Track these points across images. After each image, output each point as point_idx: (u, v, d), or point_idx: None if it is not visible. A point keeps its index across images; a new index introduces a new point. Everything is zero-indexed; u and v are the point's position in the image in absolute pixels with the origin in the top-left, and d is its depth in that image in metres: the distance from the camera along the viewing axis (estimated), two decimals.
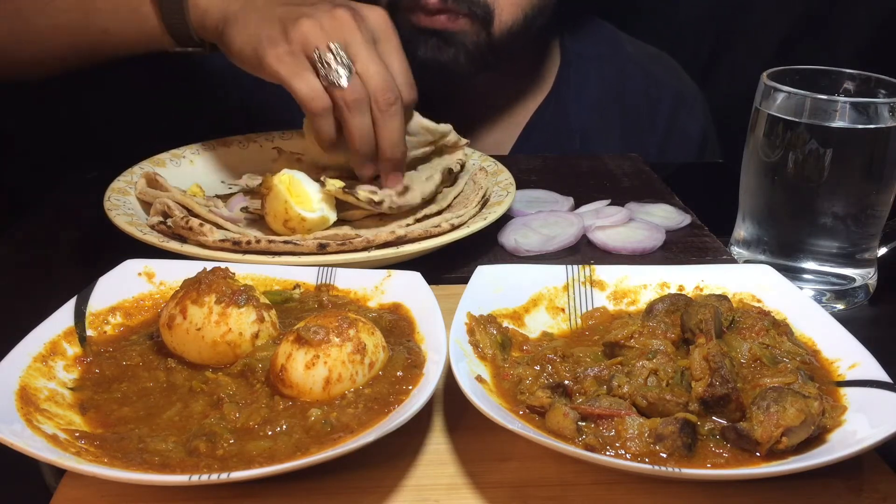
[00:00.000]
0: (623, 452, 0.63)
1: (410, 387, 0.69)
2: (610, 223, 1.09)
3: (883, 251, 0.97)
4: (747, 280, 0.85)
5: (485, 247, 1.05)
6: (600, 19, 1.59)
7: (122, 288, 0.82)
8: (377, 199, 0.99)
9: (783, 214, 0.96)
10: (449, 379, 0.72)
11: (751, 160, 0.97)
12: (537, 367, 0.73)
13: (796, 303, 0.81)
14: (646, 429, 0.64)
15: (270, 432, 0.64)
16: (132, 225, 0.95)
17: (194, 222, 0.93)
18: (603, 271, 0.86)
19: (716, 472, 0.61)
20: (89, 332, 0.76)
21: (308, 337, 0.68)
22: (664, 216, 1.14)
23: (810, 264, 0.95)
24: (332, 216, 1.00)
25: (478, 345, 0.75)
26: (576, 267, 0.86)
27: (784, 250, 0.96)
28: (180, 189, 1.04)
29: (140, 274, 0.84)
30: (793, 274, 0.93)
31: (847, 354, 0.73)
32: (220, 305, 0.72)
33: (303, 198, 0.98)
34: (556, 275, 0.85)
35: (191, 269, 0.78)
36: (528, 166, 1.33)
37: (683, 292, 0.84)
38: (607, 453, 0.63)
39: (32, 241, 1.11)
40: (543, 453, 0.65)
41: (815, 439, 0.63)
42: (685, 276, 0.86)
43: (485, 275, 0.83)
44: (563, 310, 0.83)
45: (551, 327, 0.82)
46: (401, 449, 0.67)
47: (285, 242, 0.91)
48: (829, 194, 0.91)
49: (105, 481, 0.61)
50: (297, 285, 0.85)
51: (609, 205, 1.16)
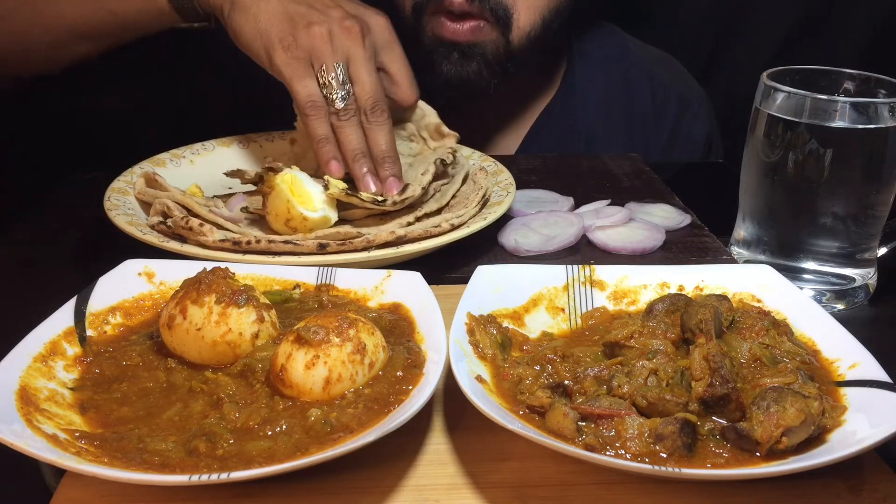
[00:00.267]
0: (623, 452, 0.63)
1: (410, 387, 0.69)
2: (610, 223, 1.09)
3: (883, 251, 0.97)
4: (747, 280, 0.85)
5: (485, 247, 1.05)
6: (605, 21, 1.59)
7: (122, 288, 0.82)
8: (381, 198, 1.01)
9: (783, 214, 0.96)
10: (449, 379, 0.72)
11: (751, 160, 0.97)
12: (537, 367, 0.73)
13: (796, 303, 0.81)
14: (646, 429, 0.64)
15: (270, 432, 0.64)
16: (132, 225, 0.95)
17: (194, 222, 0.93)
18: (603, 271, 0.86)
19: (716, 472, 0.61)
20: (89, 332, 0.76)
21: (308, 337, 0.68)
22: (664, 216, 1.14)
23: (810, 264, 0.95)
24: (334, 216, 1.00)
25: (478, 345, 0.74)
26: (576, 267, 0.86)
27: (784, 250, 0.96)
28: (179, 189, 1.04)
29: (140, 274, 0.84)
30: (793, 274, 0.93)
31: (847, 354, 0.73)
32: (220, 305, 0.72)
33: (304, 197, 0.98)
34: (556, 275, 0.85)
35: (191, 269, 0.78)
36: (528, 166, 1.33)
37: (683, 292, 0.84)
38: (607, 453, 0.63)
39: (32, 241, 1.11)
40: (543, 453, 0.65)
41: (815, 439, 0.63)
42: (685, 276, 0.86)
43: (485, 275, 0.83)
44: (563, 310, 0.83)
45: (551, 327, 0.82)
46: (401, 449, 0.67)
47: (285, 242, 0.91)
48: (829, 194, 0.91)
49: (105, 481, 0.61)
50: (297, 285, 0.85)
51: (609, 205, 1.16)
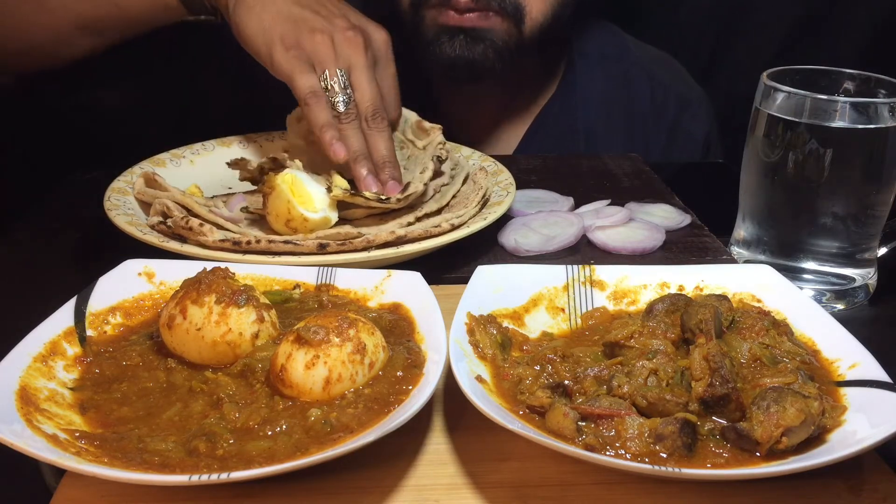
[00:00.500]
0: (623, 452, 0.63)
1: (410, 387, 0.69)
2: (610, 223, 1.09)
3: (883, 251, 0.97)
4: (747, 280, 0.85)
5: (485, 247, 1.05)
6: (605, 21, 1.59)
7: (122, 288, 0.82)
8: (384, 196, 1.01)
9: (783, 214, 0.96)
10: (449, 379, 0.72)
11: (751, 160, 0.97)
12: (537, 367, 0.73)
13: (796, 303, 0.81)
14: (646, 429, 0.64)
15: (270, 432, 0.64)
16: (132, 225, 0.95)
17: (194, 222, 0.93)
18: (603, 271, 0.86)
19: (716, 472, 0.61)
20: (89, 332, 0.76)
21: (308, 337, 0.68)
22: (664, 216, 1.14)
23: (810, 264, 0.95)
24: (334, 216, 1.00)
25: (478, 345, 0.74)
26: (576, 267, 0.86)
27: (784, 250, 0.96)
28: (179, 189, 1.04)
29: (140, 274, 0.84)
30: (793, 274, 0.93)
31: (847, 354, 0.73)
32: (220, 305, 0.72)
33: (305, 198, 0.97)
34: (556, 275, 0.85)
35: (191, 269, 0.78)
36: (528, 166, 1.33)
37: (683, 292, 0.84)
38: (607, 453, 0.63)
39: (32, 241, 1.11)
40: (543, 453, 0.65)
41: (815, 439, 0.63)
42: (685, 276, 0.86)
43: (485, 275, 0.83)
44: (563, 310, 0.83)
45: (551, 327, 0.82)
46: (401, 449, 0.67)
47: (285, 242, 0.91)
48: (829, 194, 0.91)
49: (105, 481, 0.61)
50: (297, 285, 0.85)
51: (609, 205, 1.16)
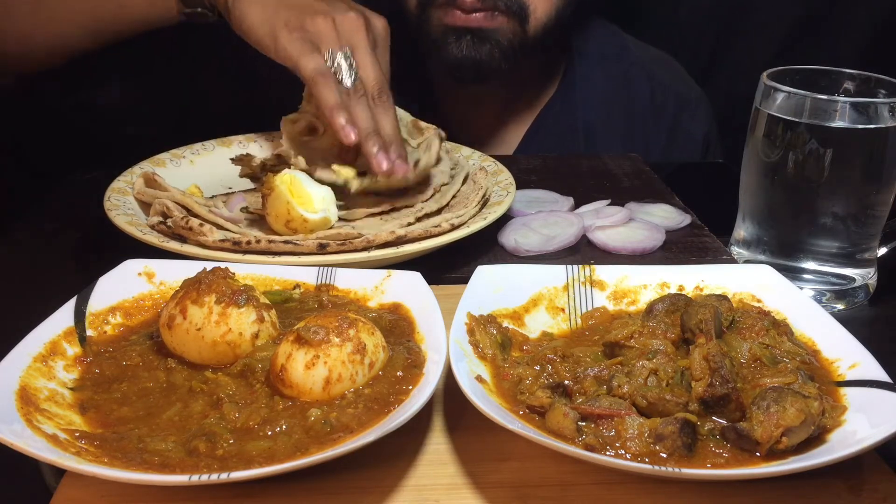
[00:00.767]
0: (623, 452, 0.63)
1: (410, 387, 0.69)
2: (610, 223, 1.09)
3: (883, 251, 0.97)
4: (747, 280, 0.85)
5: (485, 247, 1.05)
6: (605, 21, 1.59)
7: (122, 288, 0.82)
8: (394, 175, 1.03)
9: (783, 214, 0.96)
10: (449, 379, 0.72)
11: (751, 160, 0.97)
12: (537, 367, 0.73)
13: (796, 303, 0.81)
14: (646, 429, 0.64)
15: (270, 432, 0.64)
16: (132, 225, 0.95)
17: (194, 222, 0.93)
18: (603, 271, 0.86)
19: (716, 472, 0.61)
20: (89, 332, 0.76)
21: (308, 337, 0.68)
22: (664, 216, 1.14)
23: (810, 264, 0.95)
24: (334, 217, 1.00)
25: (478, 345, 0.74)
26: (576, 267, 0.86)
27: (784, 250, 0.96)
28: (179, 189, 1.04)
29: (140, 274, 0.84)
30: (793, 274, 0.93)
31: (847, 354, 0.73)
32: (220, 305, 0.72)
33: (304, 198, 0.97)
34: (556, 275, 0.85)
35: (191, 269, 0.78)
36: (528, 166, 1.33)
37: (683, 292, 0.84)
38: (607, 453, 0.63)
39: (32, 241, 1.11)
40: (543, 453, 0.65)
41: (815, 439, 0.63)
42: (685, 276, 0.86)
43: (485, 275, 0.83)
44: (563, 310, 0.83)
45: (551, 327, 0.82)
46: (401, 449, 0.67)
47: (285, 242, 0.91)
48: (829, 194, 0.91)
49: (105, 481, 0.61)
50: (297, 285, 0.85)
51: (609, 205, 1.16)
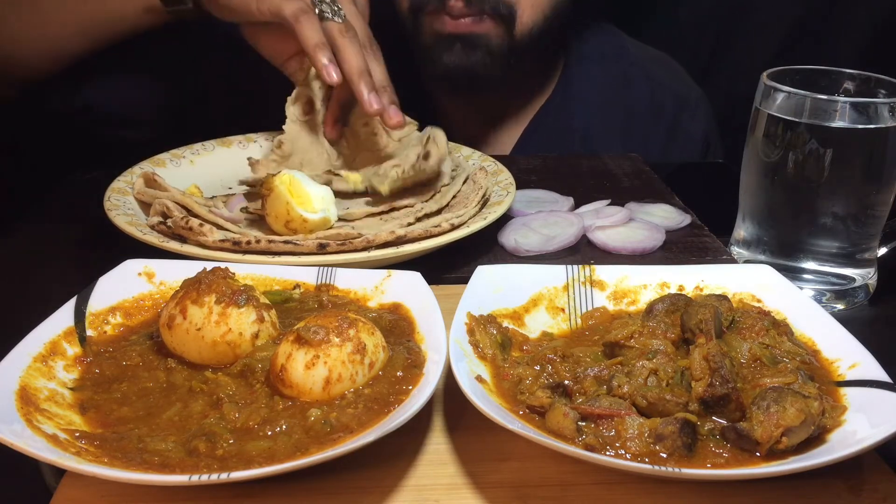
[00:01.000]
0: (623, 452, 0.63)
1: (410, 387, 0.69)
2: (610, 223, 1.09)
3: (883, 251, 0.97)
4: (747, 280, 0.85)
5: (485, 247, 1.05)
6: (604, 21, 1.59)
7: (122, 288, 0.82)
8: (402, 169, 1.05)
9: (783, 214, 0.96)
10: (449, 379, 0.72)
11: (751, 160, 0.97)
12: (537, 367, 0.73)
13: (796, 303, 0.81)
14: (646, 429, 0.64)
15: (270, 432, 0.64)
16: (132, 225, 0.95)
17: (194, 222, 0.93)
18: (603, 271, 0.86)
19: (716, 472, 0.61)
20: (89, 332, 0.76)
21: (308, 337, 0.68)
22: (664, 216, 1.14)
23: (810, 264, 0.95)
24: (334, 217, 1.00)
25: (478, 345, 0.74)
26: (576, 267, 0.86)
27: (784, 250, 0.96)
28: (179, 189, 1.04)
29: (140, 274, 0.84)
30: (793, 274, 0.93)
31: (847, 354, 0.73)
32: (220, 305, 0.72)
33: (304, 199, 0.97)
34: (556, 275, 0.85)
35: (191, 269, 0.78)
36: (528, 166, 1.33)
37: (683, 292, 0.84)
38: (607, 453, 0.63)
39: (32, 241, 1.11)
40: (543, 453, 0.65)
41: (815, 439, 0.63)
42: (685, 276, 0.86)
43: (485, 275, 0.83)
44: (563, 310, 0.83)
45: (551, 327, 0.82)
46: (401, 449, 0.67)
47: (285, 242, 0.91)
48: (829, 194, 0.91)
49: (105, 481, 0.61)
50: (297, 285, 0.85)
51: (609, 205, 1.16)
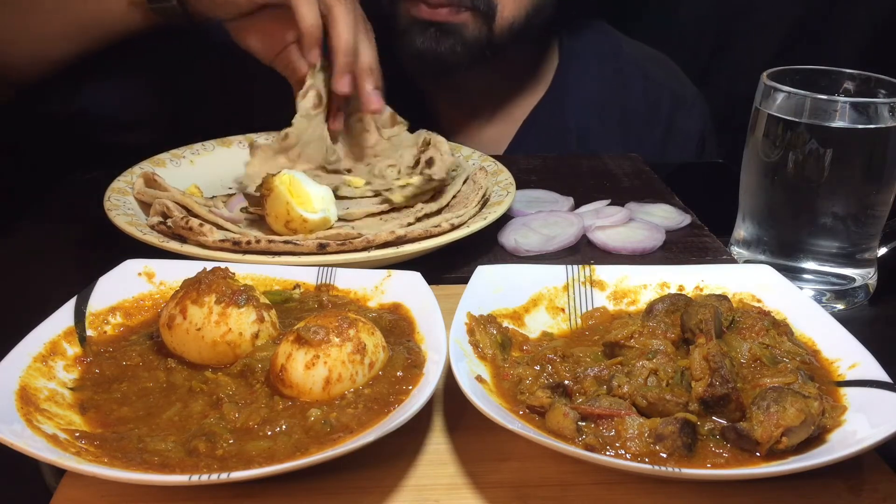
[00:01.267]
0: (623, 452, 0.63)
1: (410, 387, 0.69)
2: (610, 223, 1.09)
3: (883, 251, 0.97)
4: (747, 280, 0.85)
5: (485, 247, 1.05)
6: (600, 20, 1.59)
7: (122, 288, 0.82)
8: (398, 169, 1.07)
9: (783, 214, 0.96)
10: (449, 379, 0.72)
11: (751, 160, 0.97)
12: (537, 367, 0.73)
13: (796, 303, 0.81)
14: (646, 429, 0.64)
15: (270, 432, 0.64)
16: (132, 225, 0.95)
17: (194, 222, 0.93)
18: (603, 271, 0.86)
19: (716, 472, 0.61)
20: (89, 332, 0.76)
21: (308, 337, 0.68)
22: (664, 216, 1.14)
23: (810, 264, 0.95)
24: (334, 217, 1.00)
25: (478, 345, 0.74)
26: (576, 267, 0.86)
27: (784, 250, 0.96)
28: (179, 189, 1.04)
29: (140, 274, 0.84)
30: (793, 274, 0.93)
31: (847, 354, 0.73)
32: (220, 305, 0.72)
33: (304, 198, 0.97)
34: (556, 275, 0.85)
35: (191, 269, 0.78)
36: (527, 166, 1.33)
37: (683, 292, 0.84)
38: (607, 453, 0.63)
39: (32, 241, 1.11)
40: (543, 453, 0.65)
41: (815, 439, 0.63)
42: (685, 276, 0.86)
43: (485, 275, 0.83)
44: (563, 310, 0.83)
45: (551, 327, 0.82)
46: (401, 449, 0.67)
47: (285, 242, 0.91)
48: (829, 194, 0.91)
49: (105, 481, 0.61)
50: (297, 285, 0.85)
51: (609, 205, 1.16)
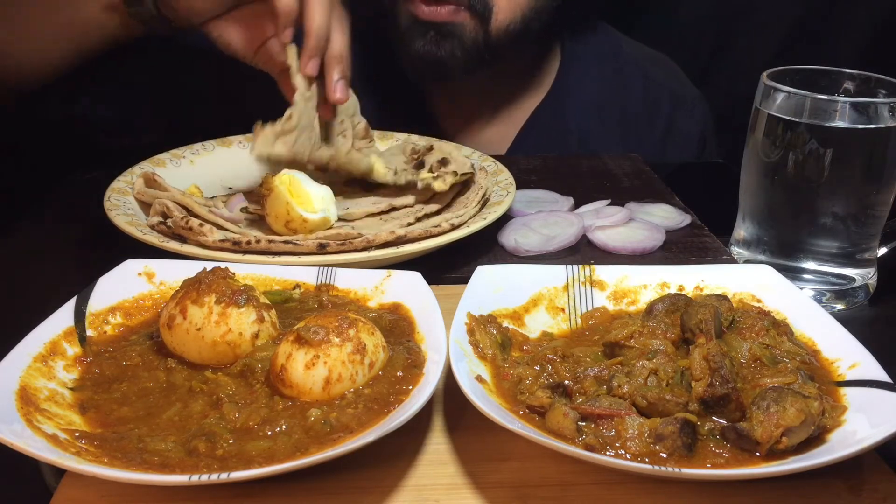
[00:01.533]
0: (623, 452, 0.63)
1: (410, 387, 0.69)
2: (610, 223, 1.09)
3: (883, 251, 0.97)
4: (747, 280, 0.85)
5: (485, 247, 1.05)
6: (600, 21, 1.59)
7: (122, 288, 0.82)
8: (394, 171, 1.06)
9: (783, 214, 0.96)
10: (449, 379, 0.72)
11: (751, 160, 0.97)
12: (537, 367, 0.73)
13: (796, 303, 0.81)
14: (646, 429, 0.64)
15: (270, 432, 0.64)
16: (132, 225, 0.95)
17: (194, 222, 0.93)
18: (603, 271, 0.86)
19: (716, 472, 0.61)
20: (89, 332, 0.76)
21: (308, 337, 0.68)
22: (664, 216, 1.14)
23: (810, 264, 0.95)
24: (334, 217, 1.00)
25: (478, 345, 0.74)
26: (576, 267, 0.86)
27: (784, 250, 0.96)
28: (179, 189, 1.04)
29: (140, 274, 0.84)
30: (793, 274, 0.93)
31: (847, 354, 0.73)
32: (220, 305, 0.72)
33: (303, 198, 0.97)
34: (556, 275, 0.85)
35: (191, 269, 0.78)
36: (527, 166, 1.33)
37: (683, 292, 0.84)
38: (607, 453, 0.63)
39: (32, 241, 1.11)
40: (543, 453, 0.65)
41: (815, 439, 0.63)
42: (685, 276, 0.86)
43: (485, 275, 0.83)
44: (563, 310, 0.83)
45: (551, 327, 0.82)
46: (401, 449, 0.67)
47: (285, 242, 0.91)
48: (829, 194, 0.91)
49: (105, 481, 0.61)
50: (297, 285, 0.85)
51: (609, 205, 1.16)
